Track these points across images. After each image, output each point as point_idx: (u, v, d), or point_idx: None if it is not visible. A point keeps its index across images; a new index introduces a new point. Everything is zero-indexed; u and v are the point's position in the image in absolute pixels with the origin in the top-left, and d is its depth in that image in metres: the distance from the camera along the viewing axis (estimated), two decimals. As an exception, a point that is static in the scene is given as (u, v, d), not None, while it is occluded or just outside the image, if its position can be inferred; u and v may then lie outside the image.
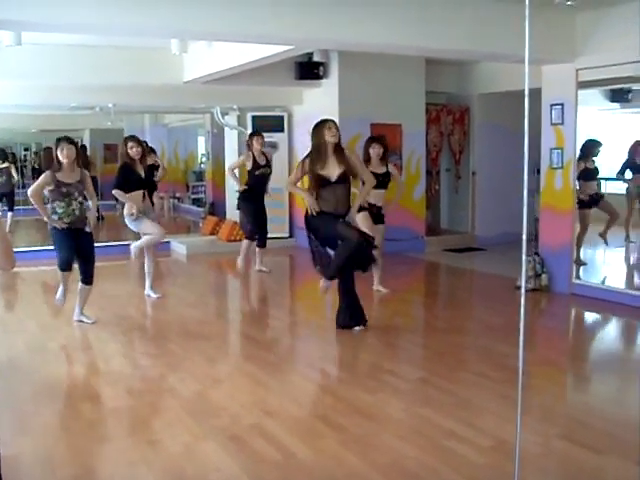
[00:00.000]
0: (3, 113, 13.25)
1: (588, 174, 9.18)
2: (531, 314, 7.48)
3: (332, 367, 6.01)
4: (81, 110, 12.47)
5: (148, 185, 7.92)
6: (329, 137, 6.22)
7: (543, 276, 8.34)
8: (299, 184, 6.67)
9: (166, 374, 5.50)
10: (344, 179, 6.31)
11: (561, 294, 8.23)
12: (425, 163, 11.83)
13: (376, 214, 7.91)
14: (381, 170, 7.93)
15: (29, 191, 6.78)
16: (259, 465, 3.85)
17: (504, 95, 10.67)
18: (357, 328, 6.53)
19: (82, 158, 16.23)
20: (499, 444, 4.04)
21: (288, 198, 12.14)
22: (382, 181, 7.87)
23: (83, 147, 17.84)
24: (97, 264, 6.99)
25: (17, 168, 16.40)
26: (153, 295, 8.15)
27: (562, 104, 8.10)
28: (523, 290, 2.99)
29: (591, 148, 9.19)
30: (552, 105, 8.21)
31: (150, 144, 18.22)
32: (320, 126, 6.32)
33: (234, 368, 5.80)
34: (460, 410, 4.64)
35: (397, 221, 10.70)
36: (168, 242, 12.12)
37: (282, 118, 12.31)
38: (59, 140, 6.70)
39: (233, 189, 9.91)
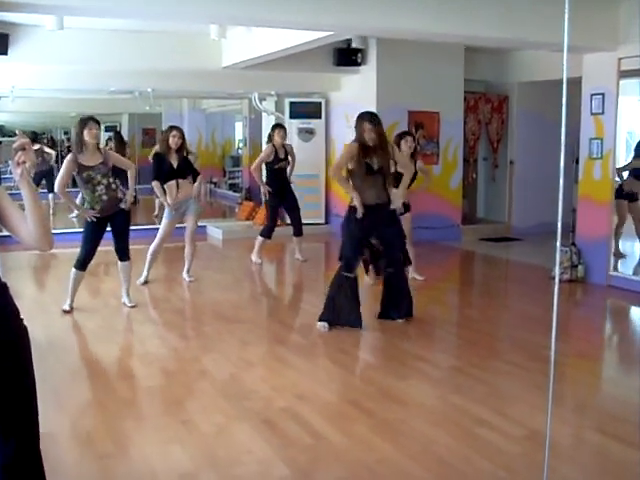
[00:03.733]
0: (44, 97, 13.42)
1: None
2: (566, 305, 7.42)
3: (364, 353, 6.03)
4: (120, 94, 12.60)
5: (182, 174, 7.87)
6: (371, 133, 6.02)
7: (579, 267, 8.26)
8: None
9: (200, 356, 5.56)
10: (382, 170, 6.18)
11: (597, 285, 8.15)
12: (462, 151, 11.74)
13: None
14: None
15: (56, 187, 6.58)
16: (290, 448, 3.89)
17: (544, 84, 10.55)
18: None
19: (118, 147, 16.41)
20: (531, 434, 4.03)
21: (324, 185, 12.13)
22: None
23: (119, 135, 17.98)
24: (135, 247, 7.07)
25: (58, 153, 16.60)
26: (187, 279, 8.24)
27: (603, 94, 7.99)
28: (557, 279, 2.97)
29: None
30: (592, 95, 8.10)
31: (188, 129, 18.44)
32: (362, 121, 6.09)
33: (267, 352, 5.85)
34: (493, 399, 4.63)
35: (433, 209, 10.68)
36: (204, 226, 12.24)
37: (320, 104, 12.30)
38: (86, 120, 6.50)
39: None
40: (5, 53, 8.84)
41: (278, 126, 9.54)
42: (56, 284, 6.94)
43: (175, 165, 7.81)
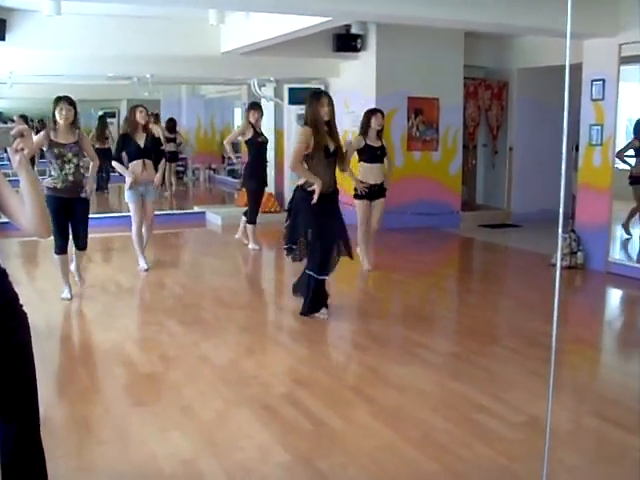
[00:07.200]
0: (42, 83, 13.35)
1: None
2: (565, 292, 7.41)
3: (363, 339, 6.01)
4: (119, 80, 12.55)
5: (149, 155, 7.90)
6: (323, 114, 5.92)
7: (579, 254, 8.26)
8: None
9: (199, 342, 5.55)
10: (336, 154, 6.07)
11: (597, 272, 8.15)
12: (462, 138, 11.71)
13: (377, 191, 7.83)
14: (377, 144, 7.83)
15: None
16: (290, 433, 3.89)
17: (543, 70, 10.51)
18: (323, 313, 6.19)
19: (100, 130, 16.23)
20: (531, 420, 4.03)
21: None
22: (379, 155, 7.81)
23: (103, 119, 17.93)
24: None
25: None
26: (143, 265, 8.12)
27: (603, 80, 7.96)
28: (559, 264, 2.96)
29: None
30: (593, 81, 8.07)
31: (187, 115, 18.42)
32: (314, 101, 5.97)
33: (266, 337, 5.85)
34: (492, 385, 4.64)
35: (432, 195, 10.67)
36: (203, 212, 12.23)
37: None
38: (59, 99, 6.51)
39: (271, 162, 9.80)
40: (3, 39, 8.80)
41: (254, 107, 9.43)
42: (54, 271, 6.92)
43: (142, 145, 7.83)
